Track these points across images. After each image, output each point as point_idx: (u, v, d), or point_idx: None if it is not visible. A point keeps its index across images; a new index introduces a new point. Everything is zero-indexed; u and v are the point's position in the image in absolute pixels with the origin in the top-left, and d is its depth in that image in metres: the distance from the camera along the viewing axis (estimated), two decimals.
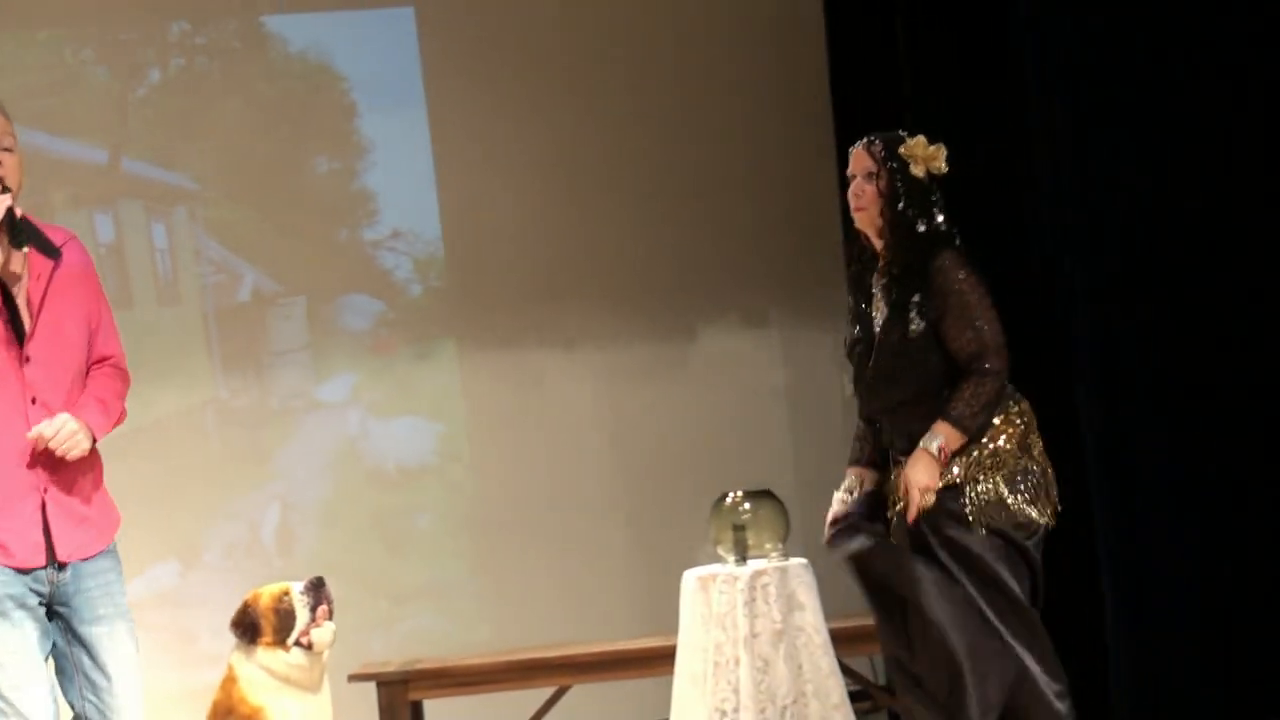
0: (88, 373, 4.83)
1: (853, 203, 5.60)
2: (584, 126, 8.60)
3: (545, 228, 8.58)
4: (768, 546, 6.16)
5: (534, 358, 8.63)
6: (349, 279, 8.45)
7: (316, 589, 5.90)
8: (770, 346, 8.39)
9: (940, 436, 5.36)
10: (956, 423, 5.37)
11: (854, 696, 6.67)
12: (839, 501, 5.65)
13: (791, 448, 8.40)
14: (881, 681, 7.87)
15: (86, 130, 8.33)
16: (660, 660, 6.51)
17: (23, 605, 4.58)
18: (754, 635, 6.07)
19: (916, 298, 5.46)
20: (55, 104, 8.27)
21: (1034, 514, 5.46)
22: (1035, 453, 5.50)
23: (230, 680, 5.47)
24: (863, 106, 7.98)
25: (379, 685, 7.01)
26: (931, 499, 5.37)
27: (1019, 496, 5.48)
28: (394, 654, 7.62)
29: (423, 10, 8.54)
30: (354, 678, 7.03)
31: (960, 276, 5.43)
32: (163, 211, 8.18)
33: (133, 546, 4.86)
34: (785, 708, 6.06)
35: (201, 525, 8.04)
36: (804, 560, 6.11)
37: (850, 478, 5.67)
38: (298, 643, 5.74)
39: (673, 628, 6.29)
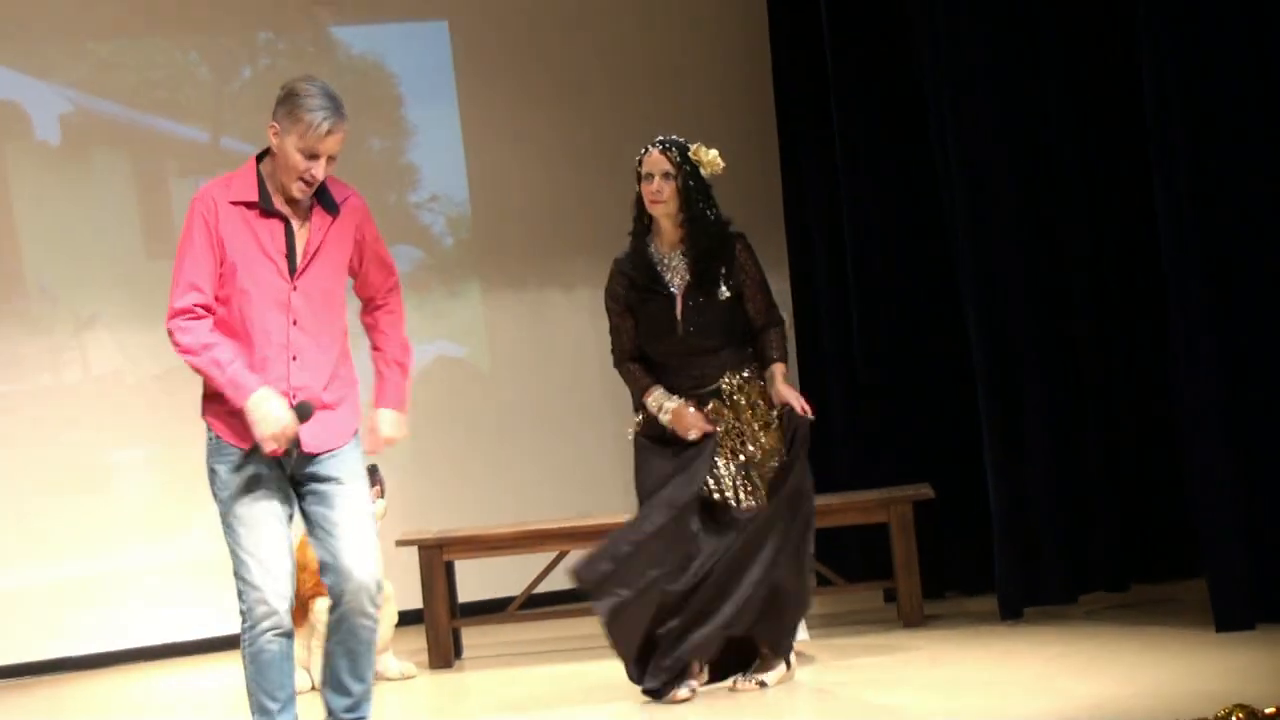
0: (369, 306, 5.25)
1: (652, 198, 5.84)
2: (581, 114, 9.19)
3: (551, 193, 9.18)
4: None
5: (541, 297, 9.22)
6: (396, 233, 8.80)
7: (372, 473, 6.50)
8: None
9: (782, 368, 5.89)
10: (783, 359, 5.92)
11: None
12: (695, 416, 5.87)
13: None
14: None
15: (193, 115, 8.92)
16: None
17: (269, 478, 5.06)
18: None
19: (723, 270, 5.82)
20: (169, 94, 8.89)
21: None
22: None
23: (304, 545, 5.72)
24: (797, 107, 8.56)
25: (420, 549, 7.47)
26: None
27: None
28: (431, 525, 7.88)
29: (454, 24, 9.18)
30: (400, 543, 7.50)
31: (754, 258, 5.92)
32: None
33: None
34: None
35: None
36: None
37: (659, 391, 5.95)
38: None
39: None
